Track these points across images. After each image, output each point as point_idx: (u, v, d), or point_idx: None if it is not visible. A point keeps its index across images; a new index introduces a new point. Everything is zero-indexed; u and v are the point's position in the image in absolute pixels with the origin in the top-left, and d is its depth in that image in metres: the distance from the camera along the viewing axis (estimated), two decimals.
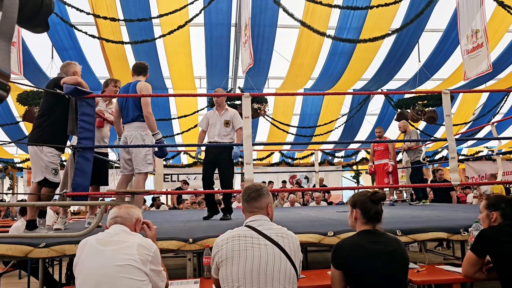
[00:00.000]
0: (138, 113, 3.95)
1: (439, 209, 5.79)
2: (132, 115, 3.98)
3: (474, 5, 7.78)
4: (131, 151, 3.98)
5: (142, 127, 3.99)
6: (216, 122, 5.01)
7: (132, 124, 3.99)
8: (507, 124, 12.98)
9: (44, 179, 3.58)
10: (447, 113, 3.91)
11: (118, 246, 2.08)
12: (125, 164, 4.09)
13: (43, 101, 3.80)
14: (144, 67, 4.27)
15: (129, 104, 4.00)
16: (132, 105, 3.98)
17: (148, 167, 3.97)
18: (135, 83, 4.06)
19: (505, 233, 2.37)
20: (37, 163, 3.59)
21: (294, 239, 2.22)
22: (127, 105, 4.02)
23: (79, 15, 7.73)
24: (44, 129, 3.61)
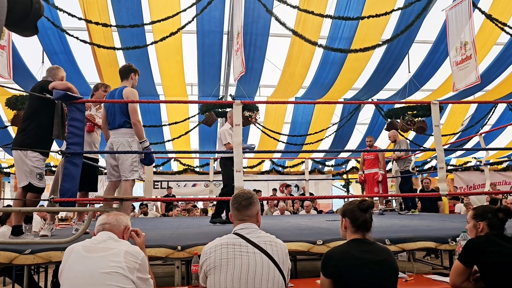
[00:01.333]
0: (125, 119, 3.89)
1: (427, 218, 5.82)
2: (118, 121, 3.91)
3: (463, 18, 7.92)
4: (118, 158, 3.92)
5: (128, 134, 3.92)
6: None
7: (119, 131, 3.92)
8: (494, 135, 13.15)
9: (29, 184, 3.53)
10: (436, 123, 3.95)
11: (105, 253, 2.06)
12: (112, 170, 4.03)
13: (28, 105, 3.75)
14: (126, 71, 4.15)
15: (115, 110, 3.93)
16: (118, 111, 3.91)
17: (134, 174, 3.89)
18: (121, 89, 3.99)
19: (492, 243, 2.39)
20: (22, 168, 3.54)
21: (282, 247, 2.21)
22: (113, 111, 3.95)
23: (71, 19, 7.70)
24: (29, 133, 3.57)
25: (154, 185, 11.71)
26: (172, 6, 8.32)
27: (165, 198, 9.47)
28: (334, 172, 13.99)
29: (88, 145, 4.32)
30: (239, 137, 3.77)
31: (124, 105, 3.89)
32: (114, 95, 4.01)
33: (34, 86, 3.77)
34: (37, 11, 0.95)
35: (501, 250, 2.34)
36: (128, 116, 3.88)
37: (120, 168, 3.91)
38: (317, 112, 12.14)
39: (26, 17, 0.95)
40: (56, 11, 7.75)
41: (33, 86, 3.78)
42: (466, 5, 7.82)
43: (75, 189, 3.59)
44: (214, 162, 11.55)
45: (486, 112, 12.78)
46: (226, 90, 11.17)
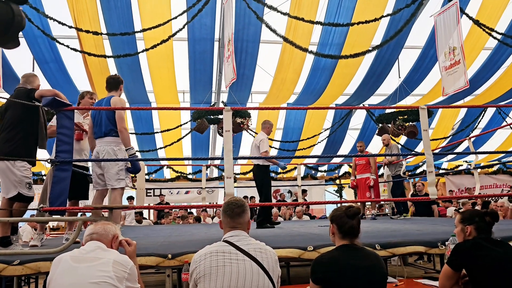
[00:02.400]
0: (111, 128, 3.90)
1: (418, 222, 5.85)
2: (104, 129, 3.92)
3: (451, 24, 8.01)
4: (103, 166, 3.89)
5: (114, 142, 3.92)
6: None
7: (104, 139, 3.92)
8: (484, 138, 13.28)
9: (18, 194, 3.50)
10: (424, 128, 3.99)
11: (93, 263, 2.05)
12: (98, 179, 4.01)
13: (12, 113, 3.67)
14: (116, 82, 4.20)
15: (102, 119, 3.94)
16: (105, 120, 3.92)
17: (120, 182, 3.88)
18: (109, 98, 4.02)
19: (479, 247, 2.41)
20: (9, 178, 3.51)
21: (272, 254, 2.22)
22: (100, 119, 3.95)
23: (61, 27, 7.68)
24: (17, 142, 3.54)
25: (146, 193, 11.65)
26: (163, 14, 8.34)
27: (156, 206, 9.42)
28: (327, 178, 14.02)
29: (78, 153, 4.30)
30: (229, 144, 3.77)
31: (111, 114, 3.90)
32: (101, 104, 4.03)
33: (17, 94, 3.73)
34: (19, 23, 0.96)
35: (488, 253, 2.36)
36: (114, 124, 3.89)
37: (105, 177, 3.90)
38: (309, 118, 12.19)
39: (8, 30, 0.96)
40: (46, 19, 7.73)
41: (16, 94, 3.74)
42: (454, 11, 7.92)
43: (64, 198, 3.56)
44: (206, 169, 11.55)
45: (476, 116, 12.91)
46: (218, 97, 11.18)
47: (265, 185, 5.98)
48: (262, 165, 6.07)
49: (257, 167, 6.07)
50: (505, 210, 6.38)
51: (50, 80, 9.73)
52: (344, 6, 8.75)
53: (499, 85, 11.34)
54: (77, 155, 4.25)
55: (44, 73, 9.55)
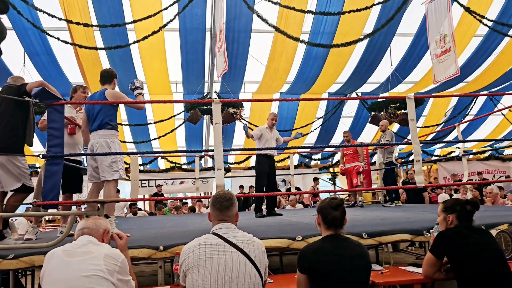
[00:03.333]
0: (105, 121, 3.94)
1: (409, 210, 5.95)
2: (98, 123, 3.96)
3: (442, 11, 8.03)
4: (98, 159, 3.95)
5: (108, 135, 3.96)
6: (270, 139, 6.19)
7: (98, 132, 3.96)
8: (476, 124, 13.39)
9: (22, 186, 3.61)
10: (412, 118, 4.05)
11: (85, 257, 2.11)
12: (93, 172, 4.06)
13: (4, 108, 3.72)
14: (109, 75, 4.23)
15: (95, 112, 3.98)
16: (99, 113, 3.96)
17: (114, 174, 3.91)
18: (103, 91, 4.05)
19: (461, 235, 2.49)
20: (12, 171, 3.59)
21: (259, 245, 2.28)
22: (94, 113, 3.99)
23: (52, 19, 7.63)
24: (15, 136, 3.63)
25: (141, 183, 11.70)
26: (154, 5, 8.30)
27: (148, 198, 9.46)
28: (320, 166, 14.11)
29: (71, 147, 4.32)
30: (219, 136, 3.81)
31: (107, 107, 3.94)
32: (94, 98, 4.05)
33: (8, 91, 3.74)
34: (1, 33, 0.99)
35: (469, 241, 2.45)
36: (108, 117, 3.95)
37: (99, 169, 3.94)
38: (302, 107, 12.23)
39: None
40: (36, 11, 7.67)
41: (7, 91, 3.76)
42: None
43: (57, 192, 3.60)
44: (200, 159, 11.59)
45: (468, 102, 13.00)
46: (211, 87, 11.18)
47: (256, 173, 6.20)
48: (256, 154, 6.36)
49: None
50: (494, 196, 6.49)
51: (42, 72, 9.68)
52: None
53: (490, 71, 11.40)
54: (71, 149, 4.28)
55: (35, 65, 9.50)
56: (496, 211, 4.71)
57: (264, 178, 6.09)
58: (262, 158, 6.17)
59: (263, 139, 6.17)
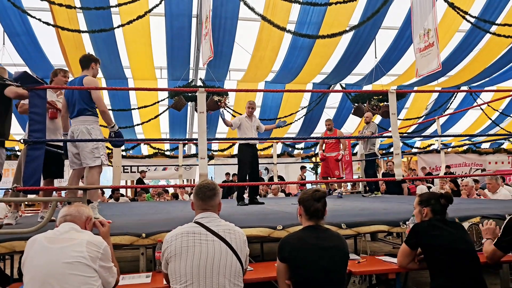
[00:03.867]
0: (84, 107, 3.93)
1: (387, 201, 6.10)
2: (78, 109, 3.95)
3: (427, 6, 8.12)
4: (79, 145, 3.95)
5: (88, 121, 3.96)
6: (250, 127, 6.19)
7: (78, 118, 3.96)
8: (456, 118, 13.68)
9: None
10: (393, 112, 4.13)
11: (67, 244, 2.12)
12: (74, 158, 4.05)
13: None
14: (87, 60, 4.17)
15: (75, 98, 3.95)
16: (78, 99, 3.94)
17: (96, 160, 3.92)
18: (81, 77, 4.01)
19: (434, 227, 2.60)
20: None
21: (240, 235, 2.34)
22: (73, 99, 3.97)
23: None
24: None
25: (124, 169, 11.63)
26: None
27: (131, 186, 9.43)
28: (303, 155, 14.25)
29: (52, 132, 4.27)
30: (203, 125, 3.83)
31: (84, 93, 3.92)
32: (74, 84, 4.03)
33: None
34: None
35: (442, 233, 2.55)
36: (88, 104, 3.93)
37: (81, 156, 3.95)
38: (286, 96, 12.27)
39: None
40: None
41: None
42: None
43: (38, 177, 3.58)
44: (184, 146, 11.57)
45: (448, 97, 13.24)
46: (196, 74, 11.11)
47: (239, 162, 6.28)
48: (238, 143, 6.49)
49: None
50: (469, 189, 6.69)
51: (22, 54, 9.47)
52: None
53: (471, 67, 11.62)
54: (52, 134, 4.23)
55: (15, 46, 9.28)
56: (470, 204, 4.88)
57: (247, 167, 6.14)
58: (244, 147, 6.22)
59: (242, 128, 6.21)
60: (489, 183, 6.03)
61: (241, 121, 6.22)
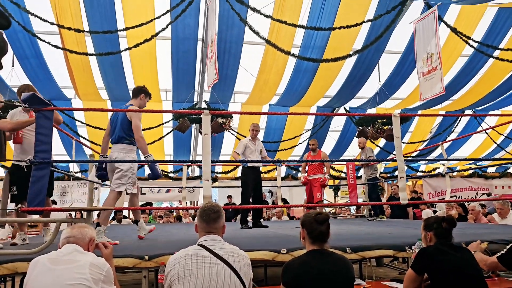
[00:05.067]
0: (123, 135, 4.12)
1: (392, 225, 6.03)
2: (116, 136, 4.15)
3: (430, 31, 8.23)
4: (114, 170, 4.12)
5: (125, 149, 4.12)
6: (254, 150, 6.19)
7: (117, 145, 4.15)
8: (461, 142, 13.64)
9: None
10: (397, 135, 4.13)
11: (70, 265, 2.11)
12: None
13: None
14: (139, 90, 4.37)
15: (117, 125, 4.17)
16: (119, 127, 4.14)
17: (119, 186, 4.05)
18: (127, 106, 4.26)
19: (441, 252, 2.56)
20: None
21: (244, 258, 2.31)
22: (115, 125, 4.19)
23: (43, 23, 7.62)
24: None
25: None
26: (146, 13, 8.34)
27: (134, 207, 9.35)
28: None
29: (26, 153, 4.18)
30: (208, 147, 3.85)
31: (125, 122, 4.12)
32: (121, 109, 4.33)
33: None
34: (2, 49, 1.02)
35: (448, 258, 2.51)
36: (126, 132, 4.12)
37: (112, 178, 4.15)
38: (290, 118, 12.33)
39: None
40: (27, 15, 7.66)
41: None
42: (432, 18, 8.13)
43: (42, 197, 3.58)
44: (188, 168, 11.56)
45: (452, 120, 13.25)
46: (201, 96, 11.22)
47: (242, 185, 6.27)
48: (242, 167, 6.42)
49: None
50: (476, 213, 6.61)
51: (30, 75, 9.62)
52: (327, 11, 8.89)
53: (475, 91, 11.67)
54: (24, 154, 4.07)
55: (24, 68, 9.43)
56: (477, 228, 4.81)
57: (250, 190, 6.12)
58: (248, 170, 6.22)
59: (247, 151, 6.22)
60: (500, 208, 5.95)
61: (245, 145, 6.24)
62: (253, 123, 6.59)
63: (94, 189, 6.93)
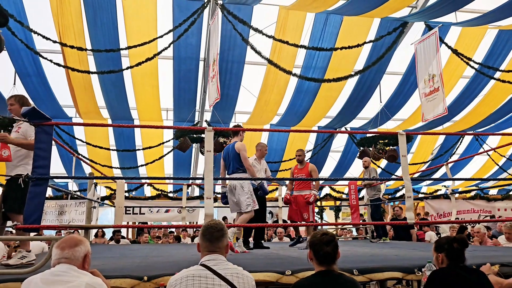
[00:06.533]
0: (237, 167, 5.11)
1: (397, 247, 5.89)
2: (232, 168, 5.15)
3: (431, 52, 8.26)
4: (236, 196, 5.07)
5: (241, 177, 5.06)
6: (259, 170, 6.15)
7: (233, 175, 5.12)
8: (462, 164, 13.55)
9: None
10: (403, 154, 4.06)
11: (65, 286, 1.99)
12: (234, 205, 5.20)
13: None
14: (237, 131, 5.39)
15: (231, 159, 5.16)
16: (233, 160, 5.13)
17: (248, 207, 4.99)
18: (233, 144, 5.20)
19: (454, 275, 2.44)
20: None
21: (249, 279, 2.21)
22: (229, 160, 5.20)
23: (45, 41, 7.64)
24: None
25: (126, 210, 11.43)
26: (149, 32, 8.39)
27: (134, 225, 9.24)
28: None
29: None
30: (210, 164, 3.76)
31: (237, 156, 5.11)
32: (229, 149, 5.26)
33: None
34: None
35: (462, 281, 2.40)
36: (239, 164, 5.09)
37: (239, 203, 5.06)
38: (291, 139, 12.27)
39: None
40: (30, 33, 7.68)
41: None
42: (433, 39, 8.18)
43: (39, 214, 3.48)
44: (187, 188, 11.43)
45: (454, 142, 13.20)
46: (202, 115, 11.19)
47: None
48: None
49: None
50: (481, 236, 6.47)
51: (32, 93, 9.59)
52: (328, 31, 8.95)
53: (476, 112, 11.65)
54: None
55: (25, 86, 9.41)
56: (486, 251, 4.68)
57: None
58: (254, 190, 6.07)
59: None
60: (508, 233, 5.83)
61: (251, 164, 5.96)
62: (259, 143, 6.47)
63: (92, 208, 6.82)
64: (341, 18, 8.78)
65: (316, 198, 6.28)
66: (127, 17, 8.40)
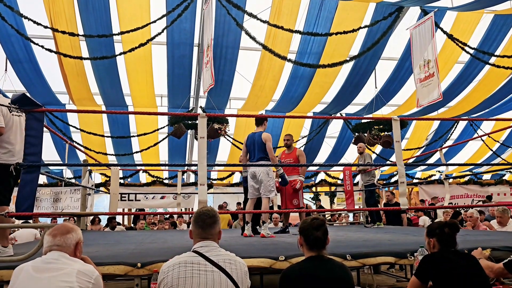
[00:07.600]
0: (262, 156, 5.26)
1: (391, 232, 5.93)
2: (257, 156, 5.29)
3: (426, 37, 8.21)
4: (260, 181, 5.26)
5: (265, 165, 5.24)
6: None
7: (258, 162, 5.25)
8: (457, 149, 13.62)
9: None
10: (397, 139, 4.06)
11: (56, 273, 1.99)
12: (254, 191, 5.39)
13: None
14: (262, 119, 5.53)
15: (255, 147, 5.29)
16: (257, 149, 5.28)
17: (271, 193, 5.26)
18: (260, 133, 5.35)
19: (446, 259, 2.46)
20: None
21: (242, 266, 2.21)
22: (254, 148, 5.31)
23: (37, 27, 7.52)
24: None
25: (121, 197, 11.44)
26: (142, 17, 8.27)
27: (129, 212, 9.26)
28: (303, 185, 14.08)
29: None
30: (204, 150, 3.75)
31: (263, 145, 5.26)
32: (254, 137, 5.37)
33: None
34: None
35: (453, 265, 2.42)
36: (264, 152, 5.25)
37: (261, 189, 5.29)
38: (286, 125, 12.25)
39: None
40: (21, 18, 7.55)
41: None
42: (429, 25, 8.12)
43: (31, 202, 3.47)
44: (183, 174, 11.43)
45: (448, 127, 13.23)
46: (196, 102, 11.13)
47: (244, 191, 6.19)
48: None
49: None
50: (474, 220, 6.52)
51: (24, 80, 9.49)
52: (323, 16, 8.87)
53: (471, 98, 11.67)
54: None
55: (17, 72, 9.31)
56: (477, 235, 4.73)
57: None
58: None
59: None
60: (500, 217, 5.87)
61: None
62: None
63: (87, 195, 6.80)
64: (336, 2, 8.70)
65: (302, 184, 6.27)
66: (119, 2, 8.27)
